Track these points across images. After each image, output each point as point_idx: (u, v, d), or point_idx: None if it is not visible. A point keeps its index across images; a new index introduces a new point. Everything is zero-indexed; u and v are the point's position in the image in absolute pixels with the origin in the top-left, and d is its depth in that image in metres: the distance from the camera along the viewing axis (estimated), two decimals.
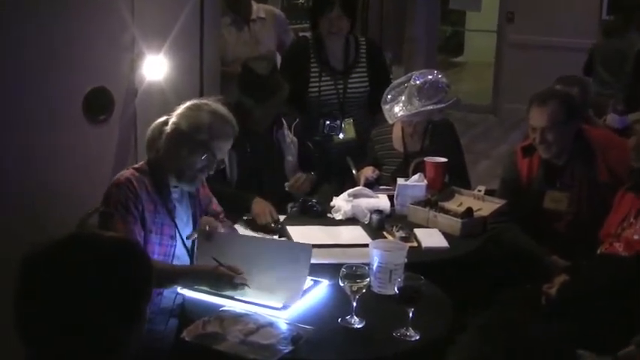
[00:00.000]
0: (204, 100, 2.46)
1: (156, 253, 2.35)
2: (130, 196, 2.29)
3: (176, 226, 2.41)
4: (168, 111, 2.45)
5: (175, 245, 2.40)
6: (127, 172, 2.37)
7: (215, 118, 2.38)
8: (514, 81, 8.17)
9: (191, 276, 2.29)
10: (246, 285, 2.26)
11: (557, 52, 7.60)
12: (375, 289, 2.31)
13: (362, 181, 3.42)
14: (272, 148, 3.29)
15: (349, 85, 3.76)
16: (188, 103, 2.42)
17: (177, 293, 2.33)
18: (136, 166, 2.44)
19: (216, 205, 2.67)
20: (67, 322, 1.34)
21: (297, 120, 3.39)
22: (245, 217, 2.80)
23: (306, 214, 3.10)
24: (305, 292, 2.29)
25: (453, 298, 2.31)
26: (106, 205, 2.32)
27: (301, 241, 2.70)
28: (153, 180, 2.38)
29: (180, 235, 2.43)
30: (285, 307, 2.18)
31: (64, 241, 1.40)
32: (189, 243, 2.46)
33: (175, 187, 2.42)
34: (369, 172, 3.45)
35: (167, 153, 2.37)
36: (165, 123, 2.40)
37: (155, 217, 2.35)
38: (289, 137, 3.33)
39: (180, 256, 2.43)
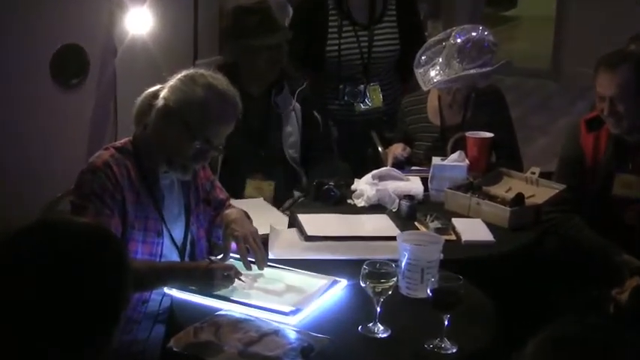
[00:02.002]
0: (201, 71, 2.41)
1: (139, 253, 2.36)
2: (107, 185, 2.29)
3: (163, 220, 2.42)
4: (156, 75, 2.45)
5: (162, 243, 2.41)
6: (105, 154, 2.36)
7: (211, 96, 2.33)
8: (579, 39, 8.08)
9: (180, 274, 2.31)
10: (243, 281, 2.29)
11: (633, 4, 7.48)
12: (404, 291, 2.31)
13: (390, 160, 3.41)
14: (269, 116, 3.29)
15: (375, 43, 3.75)
16: (182, 73, 2.39)
17: (165, 294, 2.35)
18: (117, 144, 2.43)
19: (220, 191, 2.67)
20: (24, 326, 1.35)
21: (305, 84, 3.38)
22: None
23: (322, 200, 3.11)
24: (319, 293, 2.29)
25: (499, 304, 2.31)
26: (77, 194, 2.32)
27: (316, 231, 2.73)
28: (137, 163, 2.38)
29: (169, 231, 2.44)
30: (294, 312, 2.19)
31: (26, 230, 1.41)
32: (179, 239, 2.47)
33: (166, 172, 2.42)
34: (398, 149, 3.45)
35: (155, 133, 2.37)
36: (155, 95, 2.38)
37: (138, 209, 2.36)
38: (292, 104, 3.33)
39: (169, 256, 2.45)
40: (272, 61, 3.23)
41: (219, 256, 2.44)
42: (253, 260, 2.41)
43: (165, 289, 2.33)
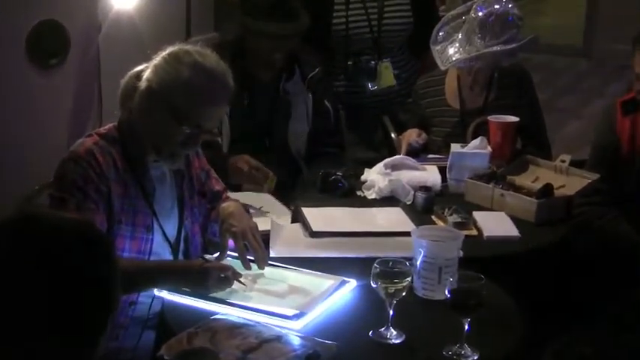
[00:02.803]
0: (187, 47, 2.40)
1: (126, 250, 2.37)
2: (90, 175, 2.29)
3: (154, 213, 2.42)
4: (144, 54, 2.44)
5: (152, 239, 2.42)
6: (88, 141, 2.37)
7: (199, 76, 2.32)
8: (615, 13, 8.03)
9: (171, 274, 2.31)
10: (242, 283, 2.30)
11: None
12: (419, 292, 2.31)
13: (404, 147, 3.41)
14: (276, 103, 3.30)
15: (386, 15, 3.75)
16: (166, 51, 2.38)
17: (155, 297, 2.35)
18: (101, 130, 2.44)
19: (216, 182, 2.68)
20: (5, 325, 1.36)
21: (318, 69, 3.39)
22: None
23: (328, 192, 3.12)
24: (325, 295, 2.30)
25: (524, 306, 2.30)
26: (57, 186, 2.33)
27: (322, 227, 2.73)
28: (124, 151, 2.39)
29: (161, 226, 2.44)
30: (298, 316, 2.19)
31: (2, 225, 1.41)
32: (172, 235, 2.48)
33: (156, 161, 2.42)
34: (413, 135, 3.45)
35: (140, 118, 2.37)
36: (139, 76, 2.37)
37: (125, 201, 2.36)
38: (304, 92, 3.34)
39: (160, 254, 2.46)
40: (277, 51, 3.23)
41: (215, 255, 2.45)
42: (253, 259, 2.41)
43: (156, 291, 2.33)
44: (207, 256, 2.44)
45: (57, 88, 3.15)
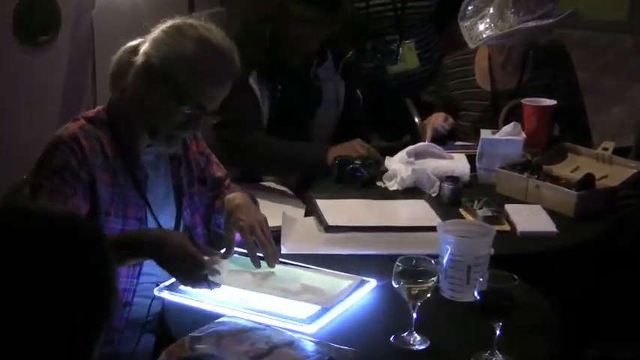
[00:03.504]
0: (190, 20, 2.40)
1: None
2: (70, 161, 2.29)
3: (148, 204, 2.43)
4: (142, 30, 2.44)
5: None
6: (73, 126, 2.37)
7: (203, 51, 2.32)
8: None
9: (153, 244, 2.26)
10: (216, 283, 2.28)
11: None
12: (446, 294, 2.31)
13: (429, 133, 3.41)
14: (307, 89, 3.33)
15: None
16: (167, 24, 2.37)
17: (154, 297, 2.36)
18: (89, 113, 2.43)
19: (217, 167, 2.68)
20: None
21: (351, 53, 3.39)
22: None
23: (345, 183, 3.12)
24: (342, 296, 2.30)
25: (562, 309, 2.30)
26: (36, 172, 2.33)
27: (338, 221, 2.74)
28: (113, 135, 2.39)
29: (155, 218, 2.44)
30: (312, 319, 2.19)
31: None
32: (169, 227, 2.48)
33: (149, 146, 2.42)
34: (439, 120, 3.44)
35: (134, 97, 2.37)
36: (135, 50, 2.37)
37: (115, 191, 2.36)
38: (335, 78, 3.37)
39: None
40: (314, 39, 3.24)
41: (222, 251, 2.45)
42: (262, 255, 2.41)
43: (155, 291, 2.33)
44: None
45: (47, 67, 3.16)
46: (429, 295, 2.11)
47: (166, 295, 2.32)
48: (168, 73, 2.31)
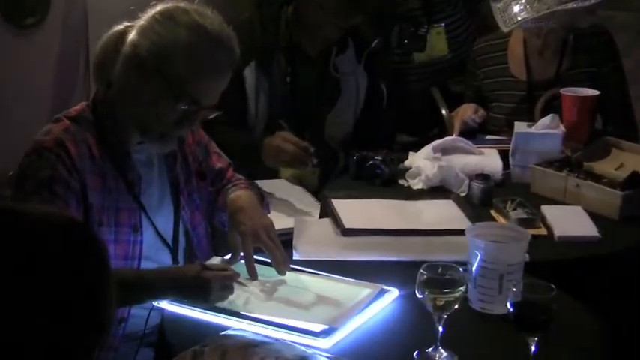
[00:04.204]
0: (183, 5, 2.36)
1: (111, 257, 2.33)
2: (59, 171, 2.27)
3: (142, 208, 2.42)
4: (141, 9, 2.42)
5: (141, 241, 2.42)
6: (56, 128, 2.33)
7: (199, 40, 2.29)
8: None
9: (166, 284, 2.30)
10: (242, 283, 2.30)
11: None
12: (475, 305, 2.31)
13: (457, 127, 3.40)
14: (324, 81, 3.32)
15: None
16: (156, 9, 2.34)
17: (153, 308, 2.36)
18: (72, 112, 2.40)
19: (218, 158, 2.68)
20: None
21: (375, 43, 3.39)
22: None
23: (365, 180, 3.12)
24: (361, 307, 2.29)
25: (605, 321, 2.28)
26: (18, 183, 2.31)
27: (356, 223, 2.74)
28: (101, 135, 2.37)
29: (152, 222, 2.44)
30: (327, 332, 2.18)
31: None
32: (167, 231, 2.48)
33: (140, 143, 2.41)
34: (468, 112, 3.43)
35: (122, 92, 2.34)
36: (122, 38, 2.34)
37: (106, 197, 2.35)
38: (357, 70, 3.37)
39: (155, 257, 2.46)
40: (338, 26, 3.24)
41: (227, 256, 2.45)
42: (269, 261, 2.41)
43: (155, 303, 2.33)
44: (214, 259, 2.43)
45: (35, 52, 3.16)
46: (456, 306, 2.10)
47: (166, 305, 2.32)
48: (159, 65, 2.27)
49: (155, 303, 2.32)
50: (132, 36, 2.30)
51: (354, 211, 2.85)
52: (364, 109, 3.44)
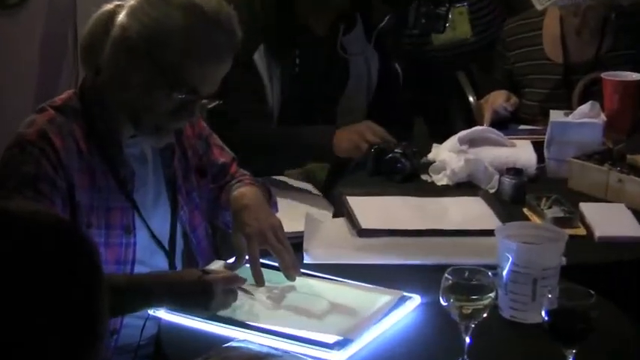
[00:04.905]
0: None
1: (102, 261, 2.35)
2: (43, 167, 2.26)
3: (136, 207, 2.43)
4: None
5: (135, 243, 2.42)
6: (40, 119, 2.33)
7: (196, 22, 2.27)
8: None
9: (163, 290, 2.29)
10: (247, 292, 2.30)
11: None
12: (506, 313, 2.30)
13: (488, 116, 3.40)
14: (332, 63, 3.33)
15: None
16: None
17: (148, 317, 2.36)
18: (57, 101, 2.41)
19: (220, 152, 2.68)
20: None
21: (386, 20, 3.39)
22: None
23: (383, 175, 3.13)
24: (379, 316, 2.29)
25: None
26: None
27: (374, 223, 2.74)
28: (89, 126, 2.37)
29: (146, 223, 2.44)
30: (342, 344, 2.18)
31: None
32: (163, 233, 2.48)
33: (133, 136, 2.41)
34: (499, 99, 3.43)
35: (112, 79, 2.33)
36: (111, 18, 2.32)
37: (95, 196, 2.35)
38: (367, 49, 3.38)
39: (149, 262, 2.47)
40: None
41: (231, 260, 2.45)
42: (277, 265, 2.41)
43: (150, 310, 2.33)
44: (216, 264, 2.44)
45: (18, 34, 3.18)
46: (485, 314, 2.10)
47: (163, 314, 2.31)
48: (150, 50, 2.26)
49: (151, 312, 2.32)
50: (121, 17, 2.29)
51: (372, 209, 2.86)
52: (377, 92, 3.43)
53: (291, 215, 2.83)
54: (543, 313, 2.05)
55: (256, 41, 3.18)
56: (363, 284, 2.44)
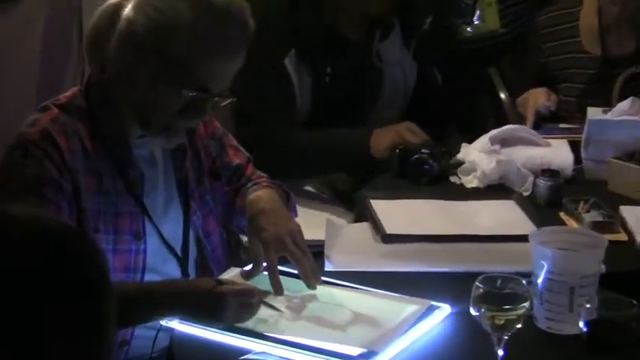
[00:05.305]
0: None
1: (110, 269, 2.35)
2: (48, 170, 2.27)
3: (146, 212, 2.43)
4: None
5: (145, 250, 2.42)
6: (43, 119, 2.34)
7: (206, 13, 2.28)
8: None
9: (176, 300, 2.29)
10: (276, 308, 2.30)
11: None
12: (542, 324, 2.29)
13: (530, 117, 3.38)
14: (364, 71, 3.34)
15: None
16: None
17: (160, 328, 2.37)
18: (61, 98, 2.41)
19: (235, 153, 2.68)
20: None
21: (427, 23, 3.40)
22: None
23: (409, 178, 3.13)
24: (405, 327, 2.29)
25: None
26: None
27: (399, 228, 2.75)
28: (95, 126, 2.37)
29: (157, 229, 2.44)
30: (366, 357, 2.17)
31: None
32: (175, 239, 2.49)
33: (142, 136, 2.42)
34: (541, 98, 3.41)
35: (118, 76, 2.34)
36: (117, 11, 2.32)
37: (102, 199, 2.36)
38: (404, 57, 3.38)
39: (161, 269, 2.47)
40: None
41: (247, 268, 2.45)
42: (296, 273, 2.41)
43: (162, 321, 2.33)
44: (232, 272, 2.44)
45: (19, 27, 3.18)
46: (519, 325, 2.09)
47: (176, 324, 2.31)
48: (157, 45, 2.27)
49: (163, 322, 2.33)
50: (127, 10, 2.30)
51: (397, 213, 2.86)
52: (413, 102, 3.41)
53: (309, 222, 2.82)
54: (581, 324, 2.05)
55: (287, 45, 3.19)
56: (388, 293, 2.43)
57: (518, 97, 3.55)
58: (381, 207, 2.87)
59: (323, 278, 2.46)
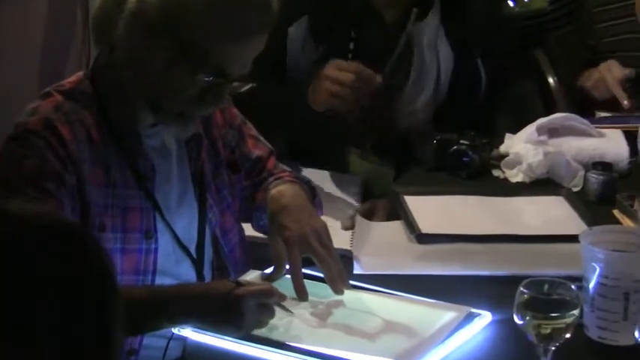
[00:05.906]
0: None
1: (118, 270, 2.36)
2: (50, 162, 2.27)
3: (157, 208, 2.43)
4: None
5: (156, 250, 2.43)
6: (44, 106, 2.34)
7: None
8: None
9: (189, 304, 2.29)
10: (286, 309, 2.29)
11: None
12: (593, 334, 2.29)
13: (618, 88, 3.39)
14: (394, 49, 3.32)
15: None
16: None
17: (172, 336, 2.37)
18: (65, 84, 2.42)
19: (254, 144, 2.68)
20: None
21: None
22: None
23: (447, 170, 3.15)
24: (443, 335, 2.28)
25: None
26: None
27: (435, 227, 2.76)
28: (103, 113, 2.38)
29: (170, 227, 2.45)
30: None
31: None
32: (189, 238, 2.49)
33: (154, 125, 2.42)
34: (617, 68, 3.40)
35: (128, 59, 2.35)
36: None
37: (110, 193, 2.37)
38: (442, 40, 3.37)
39: (173, 271, 2.48)
40: None
41: (268, 270, 2.45)
42: (321, 276, 2.41)
43: (174, 329, 2.33)
44: (251, 274, 2.45)
45: (20, 8, 3.19)
46: (568, 335, 2.09)
47: (189, 333, 2.31)
48: (170, 26, 2.27)
49: (175, 330, 2.33)
50: None
51: (433, 211, 2.87)
52: (449, 96, 3.39)
53: (331, 215, 2.82)
54: (637, 334, 2.04)
55: (299, 11, 3.18)
56: (423, 299, 2.43)
57: (580, 77, 3.53)
58: (416, 204, 2.88)
59: (351, 282, 2.46)
